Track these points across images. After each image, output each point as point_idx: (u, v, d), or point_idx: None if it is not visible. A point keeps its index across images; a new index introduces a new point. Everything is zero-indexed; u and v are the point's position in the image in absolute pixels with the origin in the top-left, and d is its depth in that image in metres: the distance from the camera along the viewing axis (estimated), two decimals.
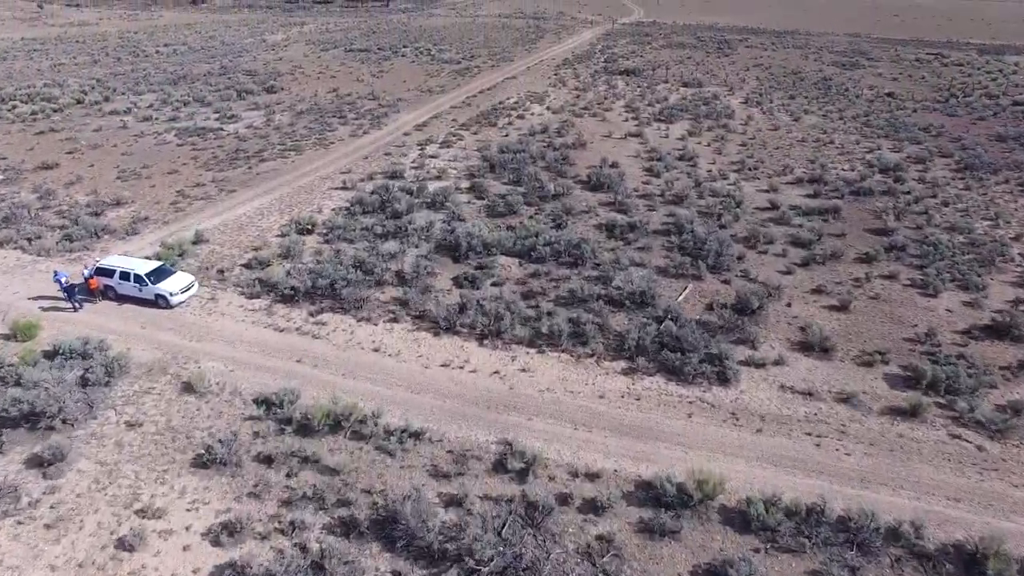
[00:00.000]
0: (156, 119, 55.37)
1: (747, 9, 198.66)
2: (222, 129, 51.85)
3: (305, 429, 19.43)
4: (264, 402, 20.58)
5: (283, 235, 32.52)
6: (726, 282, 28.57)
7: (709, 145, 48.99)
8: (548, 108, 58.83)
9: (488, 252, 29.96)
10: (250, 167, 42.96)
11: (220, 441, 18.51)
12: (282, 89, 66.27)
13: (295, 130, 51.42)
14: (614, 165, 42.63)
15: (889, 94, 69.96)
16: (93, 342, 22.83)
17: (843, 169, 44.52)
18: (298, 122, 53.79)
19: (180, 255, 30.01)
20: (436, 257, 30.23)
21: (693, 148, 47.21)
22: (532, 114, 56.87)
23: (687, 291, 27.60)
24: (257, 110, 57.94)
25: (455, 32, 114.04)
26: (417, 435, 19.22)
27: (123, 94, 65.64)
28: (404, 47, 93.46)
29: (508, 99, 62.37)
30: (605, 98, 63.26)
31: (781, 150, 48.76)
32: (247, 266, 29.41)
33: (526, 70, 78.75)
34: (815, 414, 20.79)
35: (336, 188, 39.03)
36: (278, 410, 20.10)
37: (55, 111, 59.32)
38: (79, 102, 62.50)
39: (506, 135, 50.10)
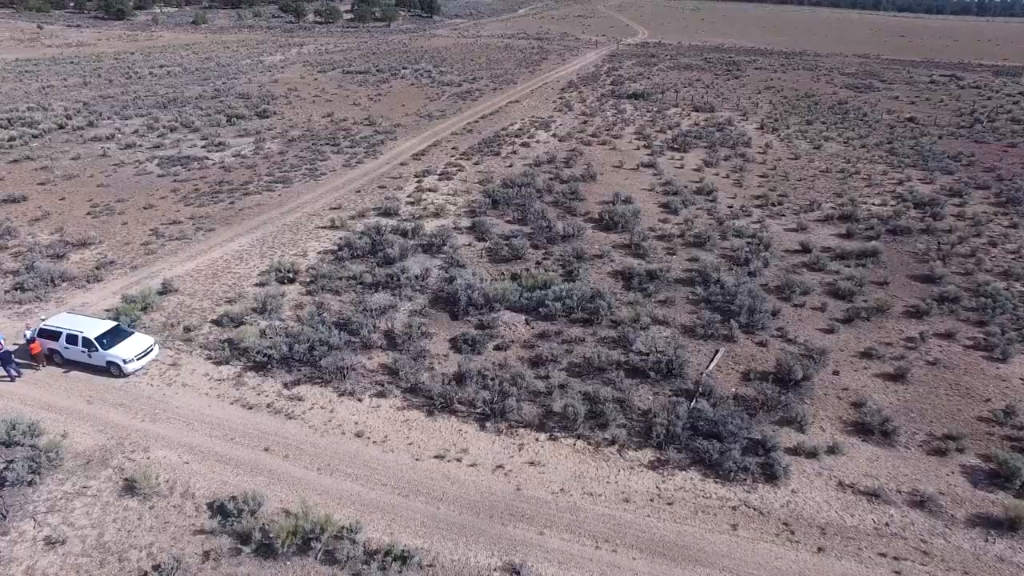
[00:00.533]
0: (140, 146, 52.31)
1: (752, 30, 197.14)
2: (208, 158, 48.69)
3: (267, 550, 15.82)
4: (220, 509, 16.99)
5: (262, 284, 29.07)
6: (762, 344, 25.04)
7: (727, 177, 45.69)
8: (554, 135, 55.68)
9: (490, 307, 26.47)
10: (233, 202, 39.67)
11: (158, 568, 14.92)
12: (275, 114, 63.28)
13: (285, 159, 48.24)
14: (627, 200, 39.27)
15: (910, 119, 66.86)
16: (22, 426, 19.29)
17: (874, 204, 41.17)
18: (289, 150, 50.64)
19: (143, 309, 26.57)
20: (432, 312, 26.76)
21: (711, 180, 43.90)
22: (537, 142, 53.70)
23: (718, 357, 24.05)
24: (247, 136, 54.84)
25: (457, 53, 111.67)
26: (404, 558, 15.60)
27: (109, 118, 62.71)
28: (404, 68, 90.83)
29: (512, 125, 59.28)
30: (614, 124, 60.16)
31: (805, 182, 45.45)
32: (217, 323, 25.93)
33: (530, 93, 75.86)
34: (886, 524, 17.15)
35: (324, 227, 35.66)
36: (236, 521, 16.50)
37: (35, 137, 56.31)
38: (61, 127, 59.50)
39: (510, 165, 46.87)
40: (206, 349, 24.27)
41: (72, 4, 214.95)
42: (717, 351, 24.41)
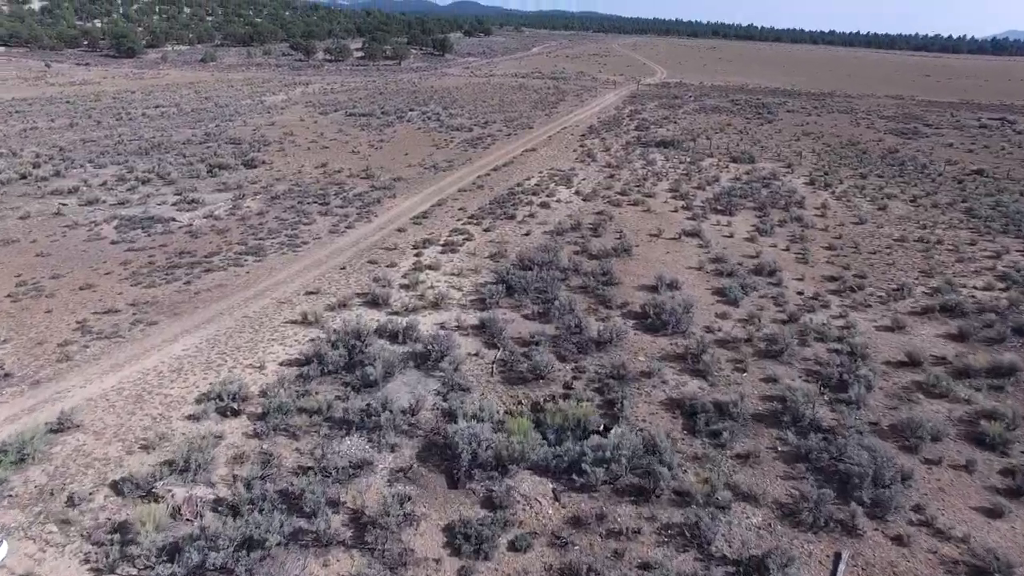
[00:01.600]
0: (103, 202, 45.73)
1: (772, 70, 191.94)
2: (174, 219, 41.84)
3: None
4: None
5: (195, 417, 21.55)
6: (900, 542, 17.06)
7: (787, 249, 38.13)
8: (577, 192, 48.50)
9: (503, 469, 18.78)
10: (190, 281, 32.50)
11: None
12: (264, 163, 56.74)
13: (263, 222, 41.27)
14: (673, 285, 31.69)
15: (978, 171, 59.32)
16: None
17: (976, 287, 33.40)
18: (270, 210, 43.71)
19: (18, 461, 19.07)
20: (422, 473, 19.07)
21: (769, 255, 36.34)
22: (558, 201, 46.51)
23: (842, 570, 16.10)
24: (226, 192, 48.11)
25: (468, 94, 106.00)
26: None
27: (82, 166, 56.47)
28: (411, 111, 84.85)
29: (528, 180, 52.27)
30: (644, 179, 53.01)
31: (880, 256, 37.80)
32: (117, 490, 18.35)
33: (547, 140, 69.18)
34: None
35: (294, 322, 28.24)
36: None
37: None
38: (24, 177, 53.18)
39: (527, 233, 39.56)
40: (89, 541, 16.64)
41: (86, 43, 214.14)
42: (837, 557, 16.47)
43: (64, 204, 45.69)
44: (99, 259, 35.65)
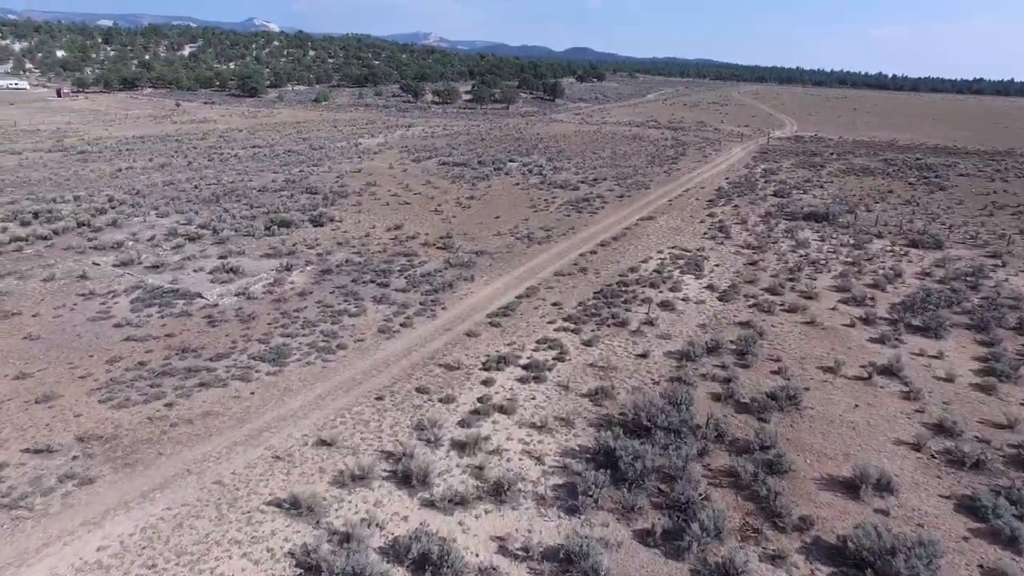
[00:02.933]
0: (138, 264, 39.10)
1: (922, 123, 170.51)
2: (201, 296, 34.02)
3: None
4: None
5: None
6: None
7: None
8: (711, 287, 36.71)
9: None
10: (172, 403, 23.74)
11: None
12: (332, 220, 49.07)
13: (301, 309, 32.54)
14: (884, 486, 19.30)
15: None
16: None
17: None
18: (315, 290, 35.09)
19: None
20: None
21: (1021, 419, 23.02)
22: (685, 299, 34.93)
23: None
24: (275, 258, 40.27)
25: (577, 143, 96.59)
26: None
27: (145, 215, 51.27)
28: (511, 161, 76.20)
29: (645, 262, 41.10)
30: (797, 268, 40.44)
31: None
32: None
33: (667, 205, 57.83)
34: None
35: (277, 507, 18.37)
36: None
37: (44, 238, 45.28)
38: (80, 225, 48.33)
39: (643, 354, 28.21)
40: None
41: (217, 83, 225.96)
42: None
43: (96, 264, 39.47)
44: (88, 350, 27.89)
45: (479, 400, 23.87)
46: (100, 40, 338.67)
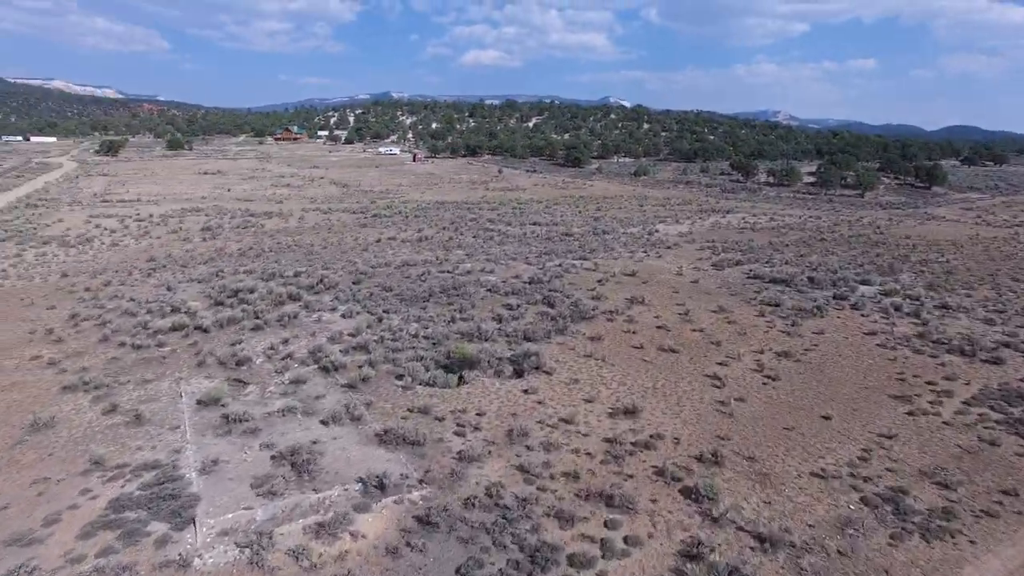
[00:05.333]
0: (224, 400, 26.21)
1: None
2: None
3: None
4: None
5: None
6: None
7: None
8: None
9: None
10: None
11: None
12: (538, 369, 30.94)
13: None
14: None
15: None
16: None
17: None
18: (389, 572, 16.91)
19: None
20: None
21: None
22: None
23: None
24: (388, 447, 23.54)
25: (977, 256, 63.44)
26: None
27: (318, 312, 40.36)
28: (863, 283, 49.53)
29: None
30: None
31: None
32: None
33: None
34: None
35: None
36: None
37: (201, 330, 36.94)
38: (258, 315, 39.03)
39: None
40: None
41: (547, 153, 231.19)
42: None
43: (180, 396, 27.70)
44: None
45: None
46: (466, 113, 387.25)
